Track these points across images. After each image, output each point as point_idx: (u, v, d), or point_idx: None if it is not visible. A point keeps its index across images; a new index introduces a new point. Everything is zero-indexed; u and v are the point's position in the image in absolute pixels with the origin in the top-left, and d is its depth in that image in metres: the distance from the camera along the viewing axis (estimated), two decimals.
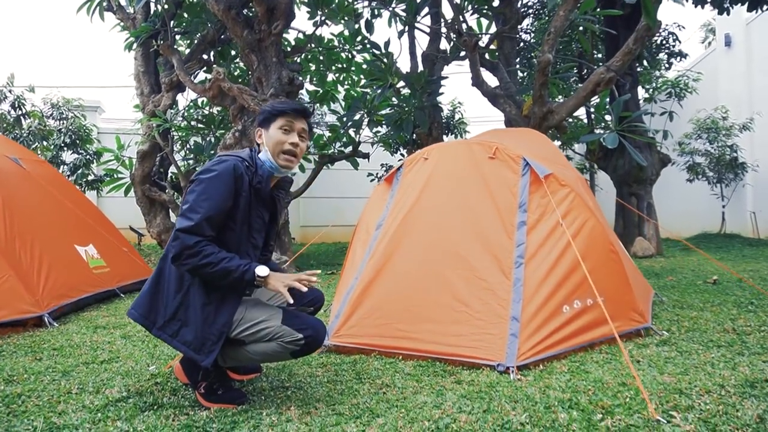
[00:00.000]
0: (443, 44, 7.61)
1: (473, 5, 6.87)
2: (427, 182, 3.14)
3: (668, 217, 9.28)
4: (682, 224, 9.81)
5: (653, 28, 5.25)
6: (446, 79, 7.04)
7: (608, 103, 6.68)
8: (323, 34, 8.30)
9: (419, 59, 7.48)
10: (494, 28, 7.50)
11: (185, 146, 8.15)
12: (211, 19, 7.07)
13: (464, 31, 6.27)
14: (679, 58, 9.05)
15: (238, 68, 8.23)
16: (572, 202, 2.92)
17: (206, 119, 7.85)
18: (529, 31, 9.57)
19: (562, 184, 2.96)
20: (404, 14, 6.97)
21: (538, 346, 2.47)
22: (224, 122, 7.72)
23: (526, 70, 8.48)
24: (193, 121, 7.83)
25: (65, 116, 8.46)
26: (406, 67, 8.20)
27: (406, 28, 7.24)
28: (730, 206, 9.60)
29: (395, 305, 2.77)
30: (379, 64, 6.66)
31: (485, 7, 6.94)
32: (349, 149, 8.06)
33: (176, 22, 7.34)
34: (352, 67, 8.08)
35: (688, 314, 3.48)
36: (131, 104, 8.21)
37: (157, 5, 7.22)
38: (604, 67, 5.47)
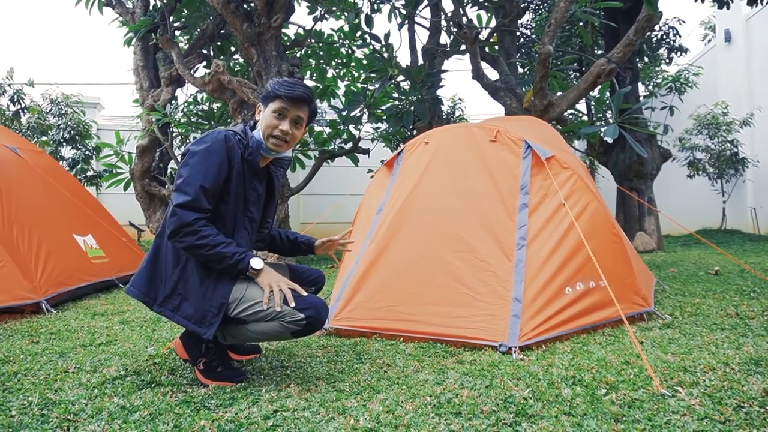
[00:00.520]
0: (443, 38, 7.60)
1: None
2: (427, 166, 3.11)
3: (669, 212, 9.17)
4: (682, 220, 9.72)
5: (654, 18, 5.24)
6: (446, 72, 7.02)
7: (608, 95, 6.66)
8: (323, 29, 8.27)
9: (419, 53, 7.46)
10: (494, 21, 7.50)
11: (185, 141, 8.13)
12: (210, 12, 7.05)
13: (464, 24, 6.25)
14: (679, 53, 9.03)
15: (237, 63, 8.22)
16: (574, 184, 2.90)
17: (206, 114, 7.83)
18: (529, 26, 9.55)
19: (564, 166, 2.94)
20: (403, 8, 6.96)
21: (540, 327, 2.45)
22: (224, 117, 7.69)
23: (526, 63, 8.46)
24: (192, 116, 7.81)
25: (64, 112, 8.44)
26: (405, 61, 8.18)
27: (405, 21, 7.22)
28: (730, 202, 9.58)
29: (396, 288, 2.74)
30: (379, 57, 6.64)
31: (485, 0, 6.92)
32: (349, 145, 8.04)
33: (175, 16, 7.31)
34: (352, 62, 8.06)
35: (690, 301, 3.45)
36: (130, 101, 8.20)
37: None
38: (604, 58, 5.45)
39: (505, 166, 2.96)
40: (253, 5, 6.30)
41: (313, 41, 7.67)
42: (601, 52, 9.00)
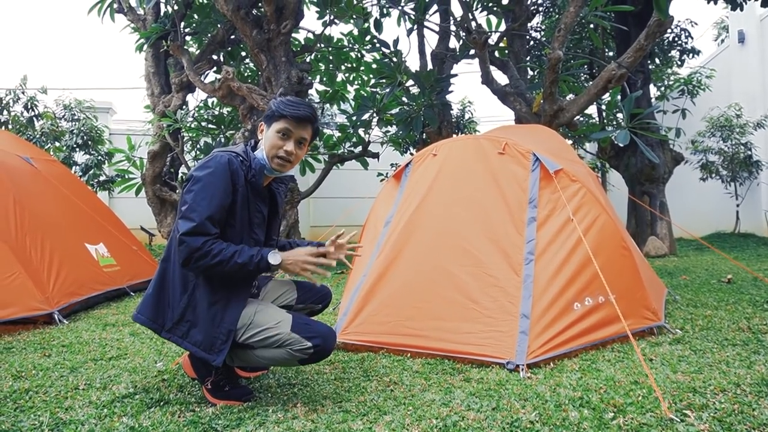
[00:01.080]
0: (452, 43, 7.58)
1: (483, 3, 6.83)
2: (435, 178, 3.11)
3: (681, 216, 9.15)
4: (695, 224, 9.67)
5: (665, 22, 5.18)
6: (455, 77, 7.00)
7: (619, 100, 6.60)
8: (332, 33, 8.29)
9: (428, 58, 7.45)
10: (504, 26, 7.46)
11: (195, 146, 8.19)
12: (220, 19, 7.10)
13: (473, 29, 6.23)
14: (691, 54, 8.92)
15: (248, 68, 8.26)
16: (583, 197, 2.88)
17: (216, 119, 7.88)
18: (538, 29, 9.50)
19: (572, 179, 2.92)
20: (413, 13, 6.95)
21: (548, 343, 2.43)
22: (234, 122, 7.74)
23: (536, 67, 8.41)
24: (203, 121, 7.87)
25: (77, 117, 8.54)
26: (415, 65, 8.17)
27: (415, 26, 7.21)
28: (744, 205, 9.45)
29: (404, 302, 2.74)
30: (388, 62, 6.64)
31: (495, 4, 6.90)
32: (358, 149, 8.05)
33: (186, 22, 7.38)
34: (361, 66, 8.07)
35: (702, 313, 3.42)
36: (142, 105, 8.28)
37: (167, 6, 7.26)
38: (615, 63, 5.41)
39: (513, 179, 2.95)
40: (262, 11, 6.34)
41: (322, 46, 7.69)
42: (611, 54, 8.94)
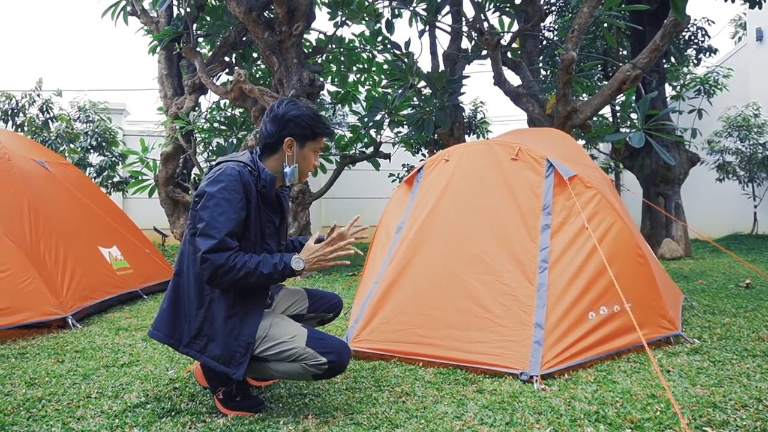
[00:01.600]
0: (464, 43, 7.52)
1: (495, 3, 6.77)
2: (448, 184, 3.07)
3: (697, 217, 9.00)
4: (711, 225, 9.52)
5: (681, 22, 5.09)
6: (468, 78, 6.95)
7: (634, 101, 6.51)
8: (344, 34, 8.27)
9: (440, 59, 7.40)
10: (516, 26, 7.39)
11: (208, 148, 8.22)
12: (232, 21, 7.11)
13: (486, 29, 6.17)
14: (708, 53, 8.77)
15: (259, 70, 8.28)
16: (598, 204, 2.83)
17: (228, 121, 7.91)
18: (552, 28, 9.40)
19: (587, 186, 2.87)
20: (425, 13, 6.91)
21: (562, 354, 2.39)
22: (246, 124, 7.77)
23: (549, 68, 8.33)
24: (215, 123, 7.90)
25: (91, 119, 8.62)
26: (426, 66, 8.14)
27: (426, 27, 7.17)
28: (762, 206, 9.29)
29: (416, 310, 2.72)
30: (399, 64, 6.61)
31: (507, 5, 6.83)
32: (370, 150, 8.04)
33: (198, 24, 7.40)
34: (373, 67, 8.04)
35: (720, 320, 3.35)
36: (155, 107, 8.33)
37: (179, 8, 7.29)
38: (630, 64, 5.32)
39: (526, 185, 2.91)
40: (274, 13, 6.34)
41: (334, 47, 7.68)
42: (625, 53, 8.81)
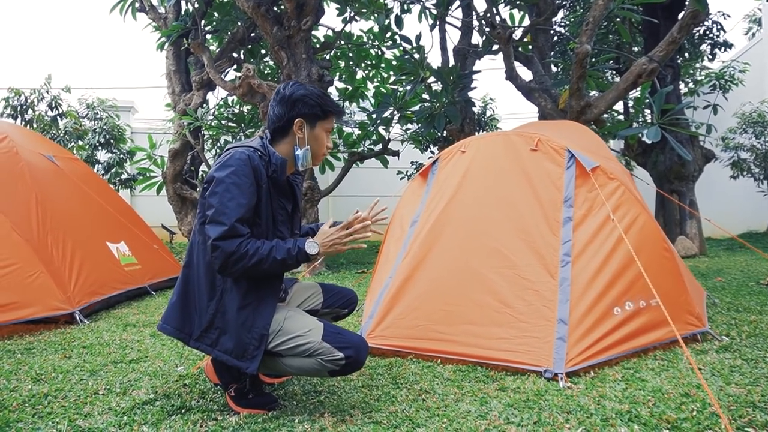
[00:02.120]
0: (475, 39, 7.42)
1: None
2: (464, 176, 2.98)
3: (711, 215, 8.78)
4: (725, 223, 9.29)
5: (700, 14, 4.97)
6: (478, 73, 6.85)
7: (649, 95, 6.38)
8: (352, 30, 8.20)
9: (450, 54, 7.30)
10: (527, 20, 7.28)
11: (216, 144, 8.17)
12: (240, 16, 7.04)
13: (498, 23, 6.07)
14: (723, 48, 8.61)
15: (267, 66, 8.21)
16: (622, 196, 2.73)
17: (237, 117, 7.85)
18: (563, 24, 9.27)
19: (610, 177, 2.77)
20: (434, 9, 6.81)
21: (588, 350, 2.29)
22: (254, 121, 7.70)
23: (561, 62, 8.20)
24: (223, 119, 7.84)
25: (99, 116, 8.58)
26: (436, 62, 8.04)
27: (437, 22, 7.08)
28: None
29: (432, 305, 2.62)
30: (410, 58, 6.52)
31: None
32: (378, 147, 7.94)
33: (206, 20, 7.34)
34: (381, 63, 7.96)
35: (746, 318, 3.23)
36: (163, 104, 8.28)
37: (187, 4, 7.23)
38: (646, 57, 5.21)
39: (546, 176, 2.81)
40: (283, 8, 6.26)
41: (342, 43, 7.60)
42: (637, 49, 8.67)
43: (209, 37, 7.85)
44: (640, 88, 5.74)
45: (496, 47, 7.04)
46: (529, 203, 2.76)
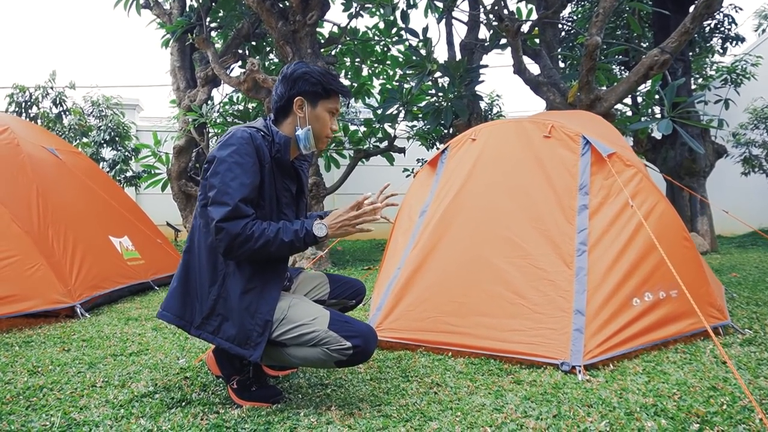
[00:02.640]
0: (482, 33, 7.32)
1: None
2: (475, 164, 2.88)
3: (721, 212, 8.69)
4: (735, 220, 9.19)
5: (714, 4, 4.85)
6: (486, 67, 6.75)
7: (660, 88, 6.26)
8: (358, 26, 8.12)
9: (457, 49, 7.21)
10: (535, 14, 7.17)
11: None
12: (245, 12, 6.98)
13: (506, 16, 5.97)
14: (735, 42, 8.46)
15: (272, 63, 8.14)
16: (639, 183, 2.62)
17: (241, 114, 7.78)
18: (570, 19, 9.15)
19: (627, 164, 2.67)
20: (441, 4, 6.72)
21: (606, 342, 2.19)
22: (259, 116, 7.63)
23: (569, 57, 8.08)
24: (228, 116, 7.78)
25: (104, 114, 8.54)
26: (443, 57, 7.94)
27: (443, 15, 6.98)
28: None
29: (442, 297, 2.53)
30: (416, 51, 6.43)
31: None
32: (384, 144, 7.85)
33: (211, 16, 7.29)
34: (387, 60, 7.87)
35: (767, 312, 3.12)
36: (168, 102, 8.23)
37: (192, 0, 7.17)
38: (658, 48, 5.09)
39: (561, 164, 2.70)
40: (288, 3, 6.19)
41: (348, 39, 7.52)
42: (646, 45, 8.53)
43: (214, 33, 7.79)
44: (650, 81, 5.63)
45: (503, 41, 6.93)
46: (542, 191, 2.66)
